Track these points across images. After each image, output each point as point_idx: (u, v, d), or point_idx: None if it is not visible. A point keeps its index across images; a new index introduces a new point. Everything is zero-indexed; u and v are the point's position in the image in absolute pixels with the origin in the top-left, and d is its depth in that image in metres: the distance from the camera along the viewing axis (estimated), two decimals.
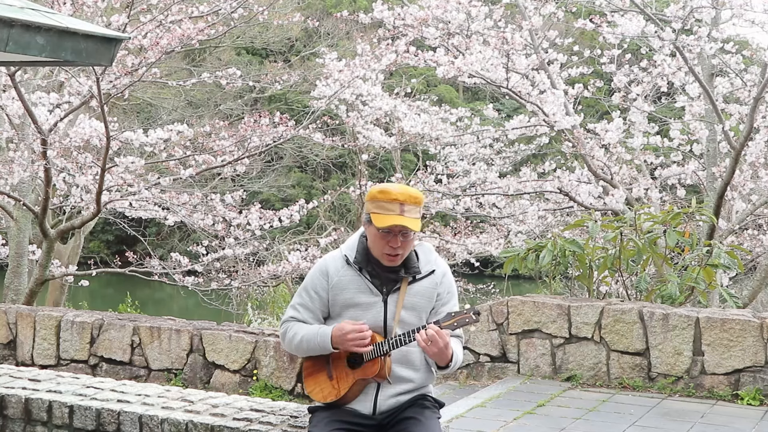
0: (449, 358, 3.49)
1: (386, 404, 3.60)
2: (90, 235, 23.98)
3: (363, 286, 3.58)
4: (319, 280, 3.63)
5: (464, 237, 14.62)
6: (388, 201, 3.48)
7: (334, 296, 3.60)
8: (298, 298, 3.69)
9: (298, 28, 24.83)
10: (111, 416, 4.43)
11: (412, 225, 3.46)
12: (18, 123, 11.51)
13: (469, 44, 10.86)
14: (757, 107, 10.08)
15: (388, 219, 3.46)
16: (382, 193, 3.50)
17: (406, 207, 3.47)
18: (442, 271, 3.67)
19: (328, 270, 3.62)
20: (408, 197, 3.48)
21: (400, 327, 3.55)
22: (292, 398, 7.11)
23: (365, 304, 3.58)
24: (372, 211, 3.51)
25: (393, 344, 3.49)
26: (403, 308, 3.57)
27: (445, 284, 3.66)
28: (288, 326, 3.68)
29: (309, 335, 3.59)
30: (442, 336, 3.39)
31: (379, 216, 3.48)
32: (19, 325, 8.31)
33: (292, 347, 3.67)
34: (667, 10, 10.76)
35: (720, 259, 7.53)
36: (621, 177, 11.66)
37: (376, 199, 3.50)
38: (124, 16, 9.45)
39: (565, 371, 7.25)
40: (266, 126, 11.15)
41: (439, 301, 3.64)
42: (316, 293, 3.63)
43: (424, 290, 3.61)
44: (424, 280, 3.62)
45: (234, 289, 13.67)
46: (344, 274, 3.60)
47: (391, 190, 3.49)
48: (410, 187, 3.55)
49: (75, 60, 4.30)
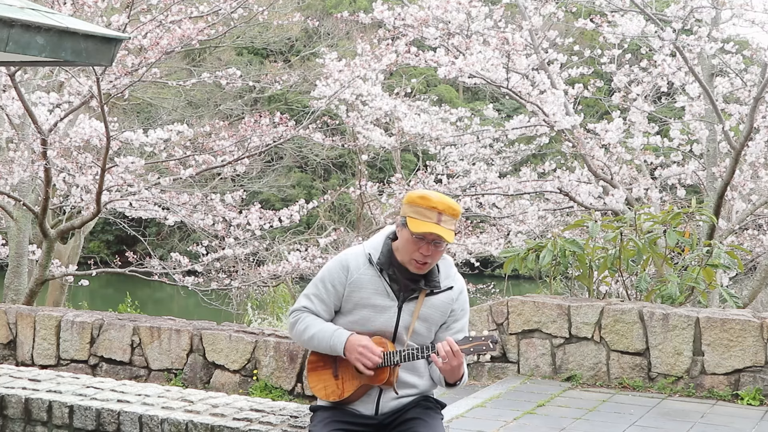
0: (459, 377, 3.51)
1: (388, 406, 3.60)
2: (90, 235, 23.99)
3: (381, 289, 3.56)
4: (338, 273, 3.58)
5: (464, 237, 14.61)
6: (427, 208, 3.46)
7: (350, 293, 3.56)
8: (314, 288, 3.63)
9: (298, 28, 24.82)
10: (111, 416, 4.43)
11: (446, 235, 3.44)
12: (18, 123, 11.52)
13: (470, 44, 10.86)
14: (757, 107, 10.08)
15: (424, 225, 3.44)
16: (422, 199, 3.48)
17: (444, 217, 3.46)
18: (459, 288, 3.66)
19: (349, 265, 3.58)
20: (447, 207, 3.47)
21: (412, 338, 3.55)
22: (292, 398, 7.11)
23: (380, 307, 3.55)
24: (409, 215, 3.49)
25: (405, 357, 3.48)
26: (417, 319, 3.55)
27: (461, 301, 3.66)
28: (300, 317, 3.63)
29: (322, 335, 3.55)
30: (459, 356, 3.39)
31: (415, 221, 3.46)
32: (19, 325, 8.31)
33: (301, 339, 3.63)
34: (667, 10, 10.76)
35: (720, 259, 7.53)
36: (621, 177, 11.66)
37: (416, 204, 3.49)
38: (124, 16, 9.45)
39: (565, 371, 7.26)
40: (266, 126, 11.15)
41: (452, 317, 3.63)
42: (333, 286, 3.58)
43: (440, 304, 3.60)
44: (441, 295, 3.60)
45: (234, 289, 13.67)
46: (364, 273, 3.57)
47: (431, 198, 3.48)
48: (450, 199, 3.54)
49: (75, 60, 4.30)
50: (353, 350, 3.48)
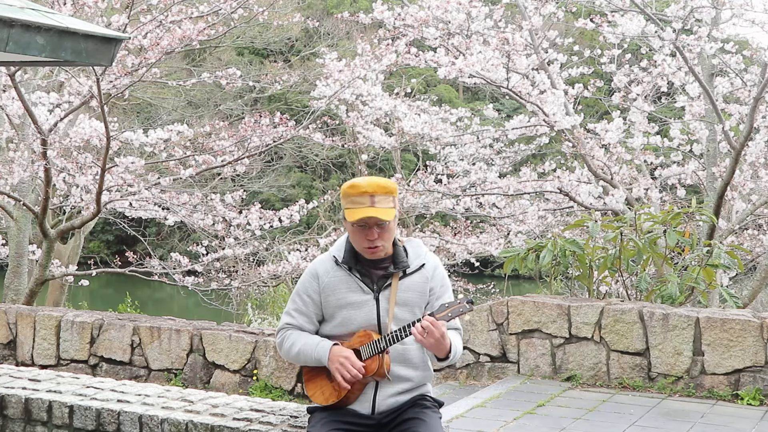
0: (448, 349, 3.48)
1: (385, 404, 3.60)
2: (90, 235, 23.99)
3: (353, 286, 3.59)
4: (309, 283, 3.64)
5: (464, 237, 14.62)
6: (358, 195, 3.49)
7: (326, 297, 3.60)
8: (292, 304, 3.69)
9: (298, 28, 24.84)
10: (111, 416, 4.44)
11: (382, 215, 3.46)
12: (18, 123, 11.52)
13: (470, 44, 10.87)
14: (757, 107, 10.08)
15: (358, 212, 3.47)
16: (352, 188, 3.52)
17: (377, 198, 3.48)
18: (432, 264, 3.66)
19: (318, 272, 3.63)
20: (377, 188, 3.49)
21: (395, 324, 3.55)
22: (292, 398, 7.12)
23: (357, 303, 3.58)
24: (345, 207, 3.54)
25: (389, 340, 3.48)
26: (396, 304, 3.57)
27: (437, 278, 3.65)
28: (285, 335, 3.68)
29: (307, 349, 3.59)
30: (438, 326, 3.38)
31: (350, 210, 3.50)
32: (19, 325, 8.32)
33: (289, 357, 3.68)
34: (667, 10, 10.76)
35: (720, 259, 7.53)
36: (621, 177, 11.66)
37: (347, 194, 3.52)
38: (124, 16, 9.45)
39: (565, 371, 7.26)
40: (266, 126, 11.15)
41: (433, 295, 3.63)
42: (308, 297, 3.64)
43: (415, 285, 3.61)
44: (414, 275, 3.62)
45: (234, 289, 13.68)
46: (334, 275, 3.61)
47: (359, 184, 3.51)
48: (381, 178, 3.56)
49: (75, 60, 4.30)
50: (335, 360, 3.51)
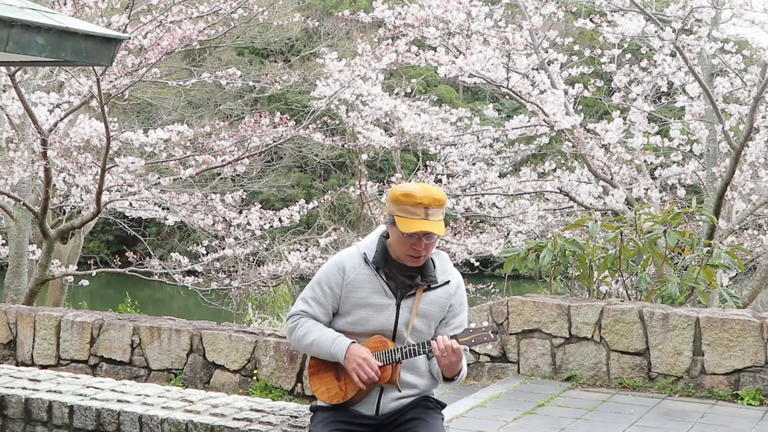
0: (458, 372, 3.51)
1: (389, 406, 3.59)
2: (90, 235, 23.98)
3: (378, 287, 3.53)
4: (334, 275, 3.56)
5: (464, 237, 14.61)
6: (412, 205, 3.41)
7: (347, 293, 3.54)
8: (311, 292, 3.60)
9: (298, 28, 24.85)
10: (111, 416, 4.43)
11: (437, 230, 3.41)
12: (18, 123, 11.51)
13: (470, 44, 10.87)
14: (757, 107, 10.08)
15: (413, 224, 3.39)
16: (407, 197, 3.42)
17: (431, 210, 3.41)
18: (456, 282, 3.64)
19: (345, 266, 3.56)
20: (432, 200, 3.41)
21: (412, 334, 3.54)
22: (292, 398, 7.11)
23: (378, 306, 3.53)
24: (396, 214, 3.44)
25: (406, 353, 3.47)
26: (416, 315, 3.54)
27: (458, 296, 3.64)
28: (299, 321, 3.60)
29: (323, 341, 3.53)
30: (458, 351, 3.38)
31: (404, 220, 3.42)
32: (19, 325, 8.31)
33: (300, 345, 3.60)
34: (667, 9, 10.76)
35: (720, 259, 7.53)
36: (621, 177, 11.66)
37: (400, 202, 3.43)
38: (124, 16, 9.45)
39: (565, 371, 7.26)
40: (266, 126, 11.15)
41: (451, 312, 3.62)
42: (329, 288, 3.56)
43: (438, 299, 3.58)
44: (438, 290, 3.58)
45: (234, 289, 13.67)
46: (360, 273, 3.54)
47: (415, 194, 3.41)
48: (433, 188, 3.47)
49: (75, 60, 4.30)
50: (352, 360, 3.46)
